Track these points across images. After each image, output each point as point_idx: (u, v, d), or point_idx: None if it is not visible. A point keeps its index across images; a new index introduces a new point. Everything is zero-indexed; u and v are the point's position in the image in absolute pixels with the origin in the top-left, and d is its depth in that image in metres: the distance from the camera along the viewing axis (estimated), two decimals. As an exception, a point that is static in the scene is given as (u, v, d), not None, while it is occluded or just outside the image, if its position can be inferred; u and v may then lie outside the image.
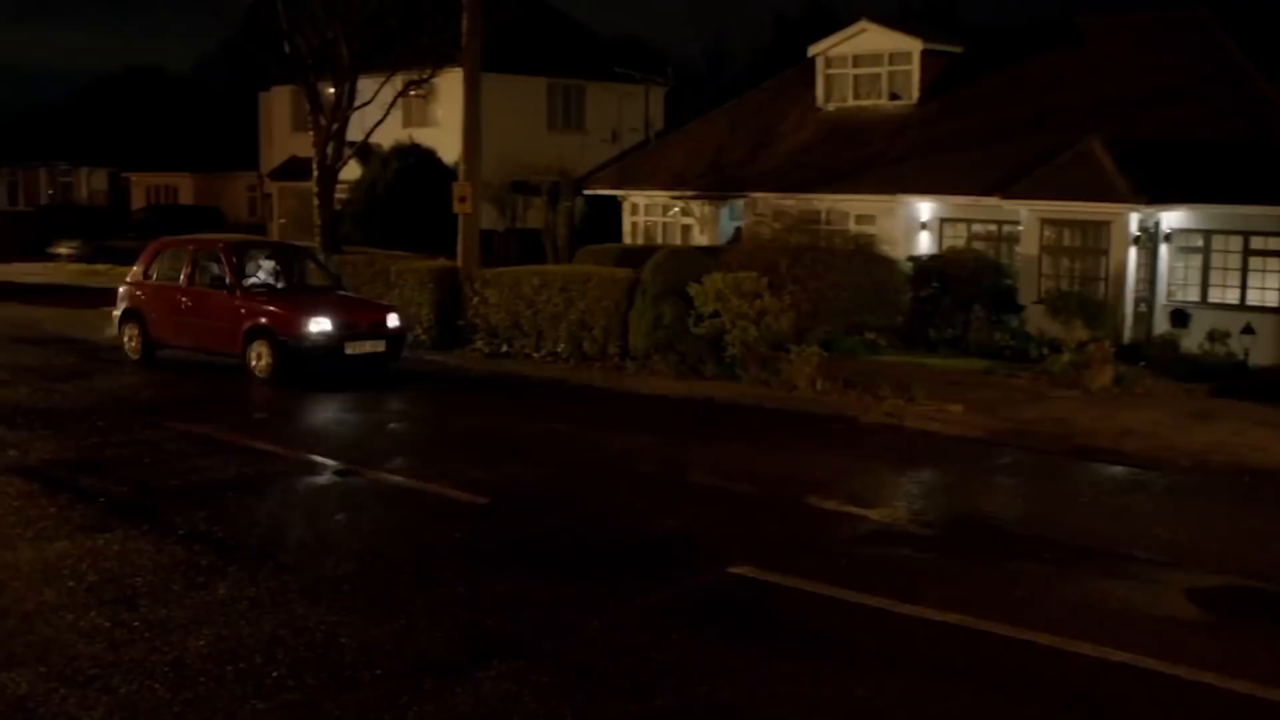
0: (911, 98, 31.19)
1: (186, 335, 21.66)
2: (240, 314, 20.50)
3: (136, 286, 22.66)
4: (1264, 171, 24.22)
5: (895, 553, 11.48)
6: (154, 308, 22.09)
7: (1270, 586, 10.60)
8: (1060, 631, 9.13)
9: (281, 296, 21.01)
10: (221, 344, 20.86)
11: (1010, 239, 26.87)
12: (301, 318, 20.01)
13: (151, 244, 23.70)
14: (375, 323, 20.94)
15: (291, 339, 19.89)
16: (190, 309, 21.46)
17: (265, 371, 20.12)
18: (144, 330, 22.21)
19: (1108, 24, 30.97)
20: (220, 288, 20.99)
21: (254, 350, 20.27)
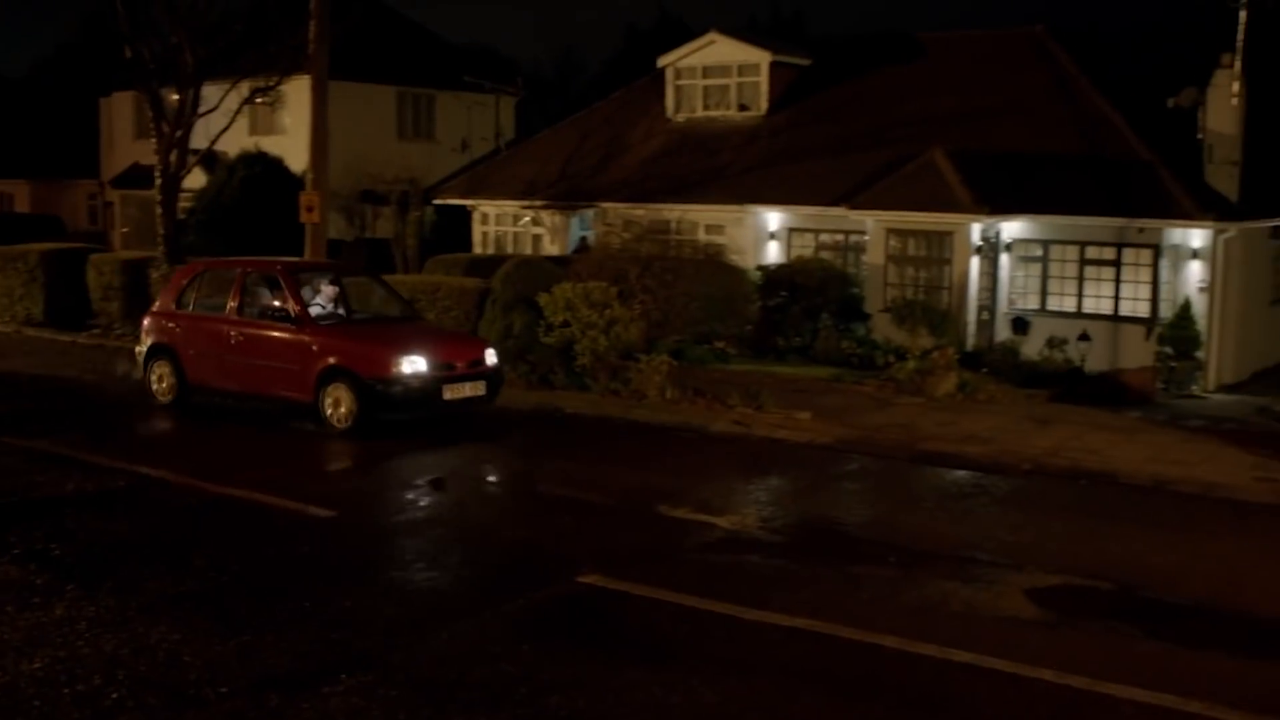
0: (760, 109, 31.55)
1: (236, 376, 18.10)
2: (311, 351, 17.12)
3: (167, 318, 19.11)
4: (1098, 183, 24.99)
5: (744, 559, 11.57)
6: (192, 343, 18.61)
7: (1105, 585, 10.90)
8: (906, 634, 9.28)
9: (360, 329, 17.89)
10: (284, 387, 17.48)
11: (857, 248, 27.30)
12: (392, 355, 16.71)
13: (183, 266, 20.80)
14: (473, 360, 17.68)
15: (380, 381, 16.58)
16: (242, 345, 17.96)
17: (345, 421, 16.75)
18: (178, 370, 18.71)
19: (949, 39, 31.70)
20: (283, 320, 17.56)
21: (330, 395, 16.90)
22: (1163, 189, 24.35)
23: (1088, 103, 27.27)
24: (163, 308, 19.44)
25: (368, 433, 16.59)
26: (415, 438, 16.72)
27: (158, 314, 19.45)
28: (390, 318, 18.89)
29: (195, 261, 20.85)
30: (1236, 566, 11.61)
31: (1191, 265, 24.43)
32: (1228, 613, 10.25)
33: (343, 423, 16.79)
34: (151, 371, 19.14)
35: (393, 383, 16.58)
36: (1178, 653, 9.29)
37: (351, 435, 16.61)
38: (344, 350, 16.99)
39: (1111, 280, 25.16)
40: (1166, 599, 10.58)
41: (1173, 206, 24.04)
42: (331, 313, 18.05)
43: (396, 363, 16.64)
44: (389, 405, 16.74)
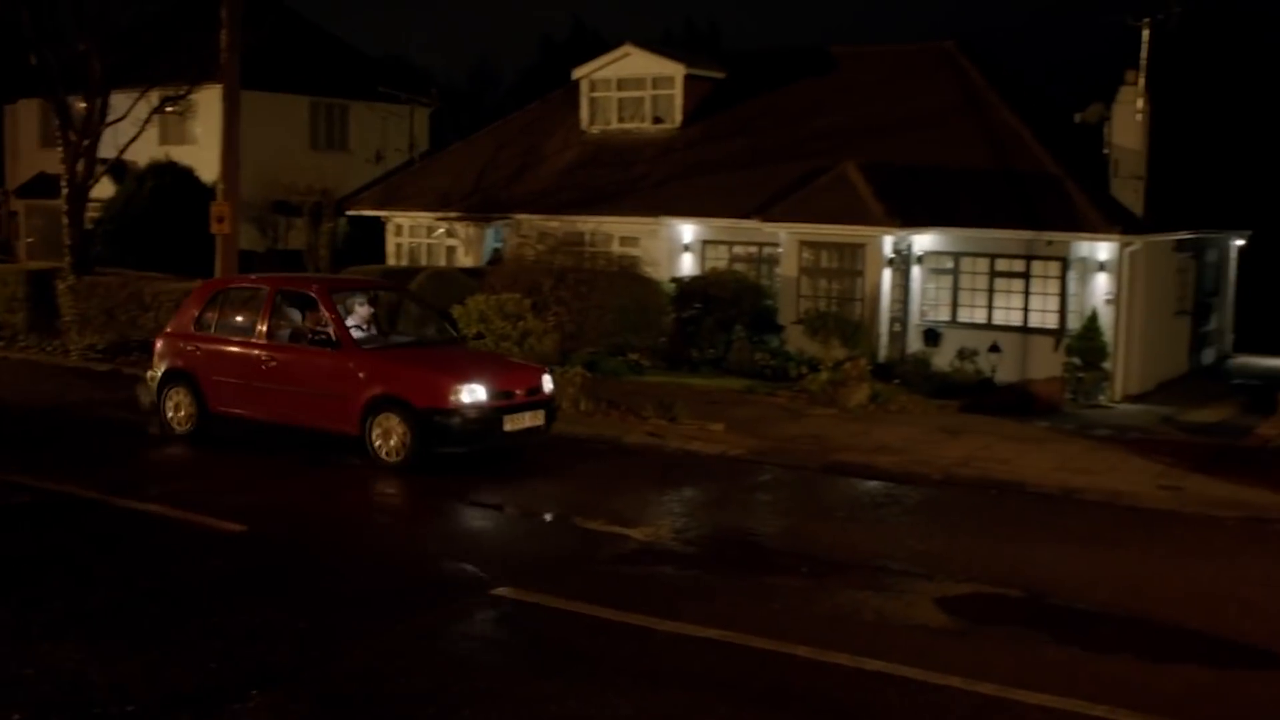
0: (675, 121, 31.66)
1: (266, 405, 16.58)
2: (357, 379, 15.67)
3: (185, 339, 17.45)
4: (1008, 196, 25.35)
5: (658, 571, 11.60)
6: (216, 368, 17.00)
7: (1014, 593, 11.05)
8: (818, 643, 9.35)
9: (409, 354, 16.50)
10: (324, 418, 16.07)
11: (770, 260, 27.47)
12: (450, 383, 15.32)
13: (203, 283, 19.13)
14: (531, 388, 16.20)
15: (438, 412, 15.18)
16: (274, 371, 16.40)
17: (396, 455, 15.36)
18: (199, 397, 17.12)
19: (861, 53, 32.01)
20: (323, 343, 16.13)
21: (379, 426, 15.48)
22: (1070, 202, 24.75)
23: (997, 117, 27.66)
24: (179, 329, 17.76)
25: (421, 467, 15.26)
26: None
27: (173, 335, 17.73)
28: (435, 340, 17.56)
29: (215, 279, 19.34)
30: (1140, 573, 11.81)
31: (1098, 277, 24.84)
32: (1132, 618, 10.43)
33: (393, 456, 15.36)
34: (167, 399, 17.45)
35: (451, 413, 15.15)
36: (1084, 658, 9.43)
37: (404, 471, 15.23)
38: (395, 377, 15.55)
39: (1021, 292, 25.50)
40: (1073, 606, 10.75)
41: (1080, 220, 24.44)
42: (371, 335, 16.79)
43: (455, 391, 15.22)
44: (447, 438, 15.31)
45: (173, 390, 17.43)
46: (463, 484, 14.86)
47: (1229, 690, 8.83)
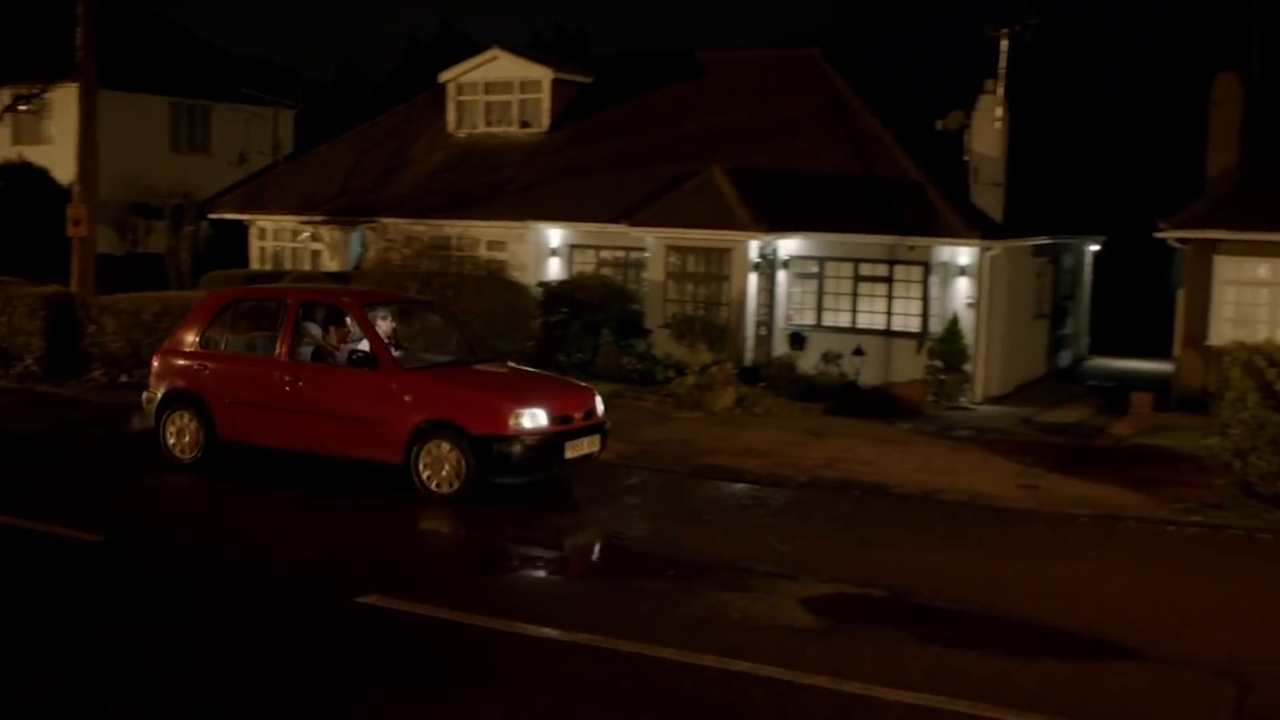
0: (542, 125, 31.62)
1: (290, 432, 15.08)
2: (402, 403, 14.33)
3: (190, 358, 15.85)
4: (871, 202, 25.72)
5: (525, 576, 11.58)
6: (226, 390, 15.47)
7: (877, 592, 11.21)
8: (685, 645, 9.40)
9: (457, 375, 15.19)
10: (360, 446, 14.69)
11: (638, 265, 27.55)
12: (509, 407, 14.11)
13: (210, 294, 17.17)
14: (587, 410, 15.11)
15: (497, 439, 13.95)
16: (300, 394, 14.91)
17: (448, 486, 14.05)
18: (206, 422, 15.57)
19: (728, 59, 32.25)
20: (361, 363, 14.76)
21: (427, 455, 14.16)
22: (932, 208, 25.19)
23: (861, 123, 28.05)
24: (182, 345, 16.11)
25: (478, 499, 14.13)
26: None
27: (175, 353, 16.10)
28: (476, 360, 16.09)
29: (224, 290, 17.13)
30: (999, 571, 12.05)
31: (959, 282, 25.30)
32: (992, 615, 10.65)
33: (444, 487, 14.08)
34: (168, 424, 15.85)
35: (511, 440, 13.94)
36: (946, 654, 9.59)
37: (460, 503, 14.02)
38: (446, 401, 14.30)
39: (884, 296, 25.90)
40: (935, 604, 10.94)
41: (941, 225, 24.88)
42: (404, 353, 15.43)
43: (515, 416, 14.04)
44: (507, 467, 14.09)
45: (175, 415, 15.80)
46: (331, 492, 14.68)
47: (1085, 683, 9.04)
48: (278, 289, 17.36)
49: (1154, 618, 10.50)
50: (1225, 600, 11.13)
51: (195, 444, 15.70)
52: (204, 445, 15.64)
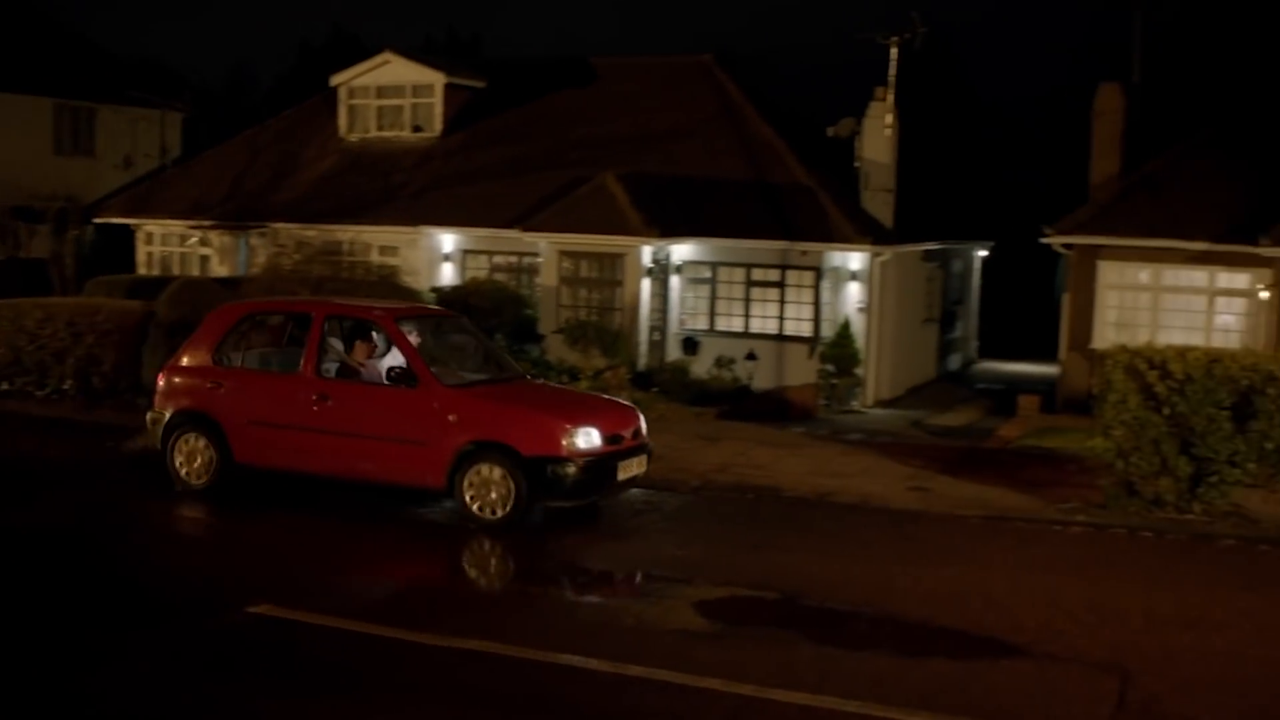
0: (435, 130, 31.46)
1: (318, 455, 14.12)
2: (445, 423, 13.47)
3: (202, 375, 14.79)
4: (763, 207, 25.93)
5: (418, 583, 11.50)
6: (246, 410, 14.46)
7: (769, 595, 11.30)
8: (580, 650, 9.40)
9: (503, 393, 14.42)
10: (398, 469, 13.83)
11: (531, 270, 27.52)
12: (561, 426, 13.36)
13: (223, 307, 15.93)
14: (634, 430, 14.38)
15: (550, 461, 13.19)
16: (329, 414, 13.99)
17: (496, 511, 13.25)
18: (221, 445, 14.53)
19: (622, 65, 32.32)
20: (399, 381, 13.84)
21: (473, 478, 13.34)
22: (824, 214, 25.46)
23: (753, 129, 28.26)
24: (192, 362, 14.99)
25: (526, 524, 13.46)
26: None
27: (184, 371, 15.00)
28: (510, 377, 15.23)
29: (237, 303, 16.18)
30: (890, 572, 12.18)
31: (850, 286, 25.60)
32: (883, 615, 10.77)
33: (494, 514, 13.26)
34: (178, 447, 14.75)
35: (565, 461, 13.19)
36: (838, 655, 9.70)
37: (508, 529, 13.27)
38: (495, 421, 13.51)
39: (776, 301, 26.13)
40: (827, 605, 11.06)
41: (833, 230, 25.15)
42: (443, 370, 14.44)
43: (569, 436, 13.28)
44: (559, 490, 13.35)
45: (186, 436, 14.70)
46: (225, 501, 14.49)
47: (974, 680, 9.18)
48: (301, 301, 16.46)
49: (1040, 616, 10.69)
50: (1108, 597, 11.35)
51: (207, 468, 14.61)
52: (219, 469, 14.56)
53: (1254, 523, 14.31)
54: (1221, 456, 14.10)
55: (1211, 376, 14.05)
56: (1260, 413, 13.95)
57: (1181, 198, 24.54)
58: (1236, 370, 14.08)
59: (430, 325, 15.27)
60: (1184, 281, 24.45)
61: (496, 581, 11.82)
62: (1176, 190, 24.77)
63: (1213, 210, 24.02)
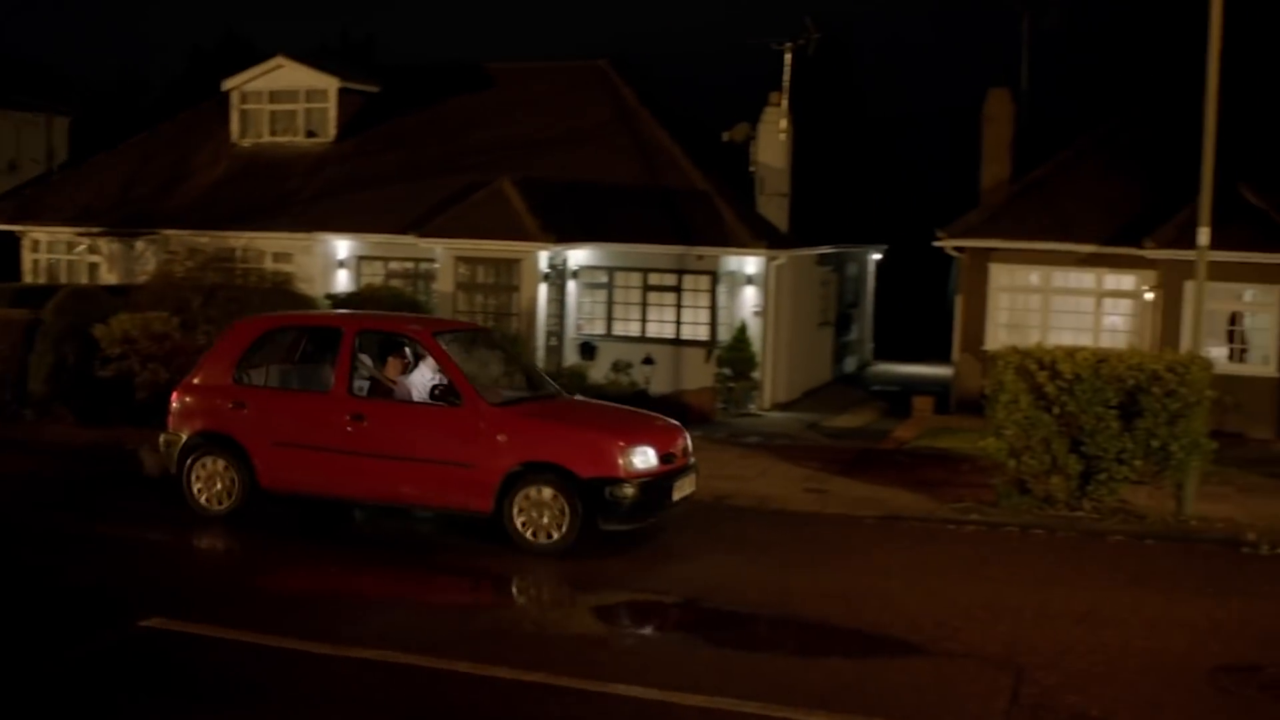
0: (329, 135, 31.18)
1: (354, 478, 13.37)
2: (493, 443, 12.79)
3: (222, 394, 13.98)
4: (660, 212, 26.03)
5: (316, 594, 11.38)
6: (272, 431, 13.68)
7: (668, 599, 11.33)
8: (479, 658, 9.35)
9: (551, 410, 13.81)
10: (441, 492, 13.11)
11: (427, 276, 27.38)
12: (618, 446, 12.69)
13: (244, 321, 15.19)
14: (684, 448, 13.72)
15: (608, 482, 12.50)
16: (368, 434, 13.23)
17: (549, 536, 12.58)
18: (245, 468, 13.72)
19: (517, 70, 32.26)
20: (443, 399, 13.16)
21: (523, 501, 12.64)
22: (719, 218, 25.61)
23: (649, 134, 28.36)
24: (211, 380, 14.16)
25: (582, 549, 12.62)
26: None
27: (202, 390, 14.18)
28: (550, 394, 14.48)
29: (258, 318, 15.38)
30: (788, 574, 12.27)
31: (746, 291, 25.76)
32: (781, 617, 10.86)
33: (547, 540, 12.56)
34: (195, 470, 13.94)
35: (623, 483, 12.52)
36: (738, 658, 9.77)
37: (562, 555, 12.54)
38: (548, 441, 12.83)
39: (673, 305, 26.25)
40: (726, 608, 11.11)
41: (728, 235, 25.31)
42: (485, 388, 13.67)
43: (627, 456, 12.63)
44: (616, 513, 12.60)
45: (204, 459, 13.88)
46: (113, 514, 14.22)
47: (871, 679, 9.28)
48: (331, 315, 15.83)
49: (935, 614, 10.82)
50: (1002, 595, 11.53)
51: (229, 492, 13.81)
52: (241, 494, 13.76)
53: (1141, 519, 14.62)
54: (1110, 454, 14.38)
55: (1099, 376, 14.33)
56: (1146, 411, 14.24)
57: (1070, 201, 25.03)
58: (1123, 370, 14.38)
59: (463, 340, 14.65)
60: (1073, 283, 24.93)
61: (393, 592, 11.69)
62: (1065, 194, 25.25)
63: (1100, 213, 24.52)
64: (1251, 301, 23.43)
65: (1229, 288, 23.06)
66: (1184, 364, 14.53)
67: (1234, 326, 23.59)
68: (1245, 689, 9.21)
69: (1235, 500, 16.05)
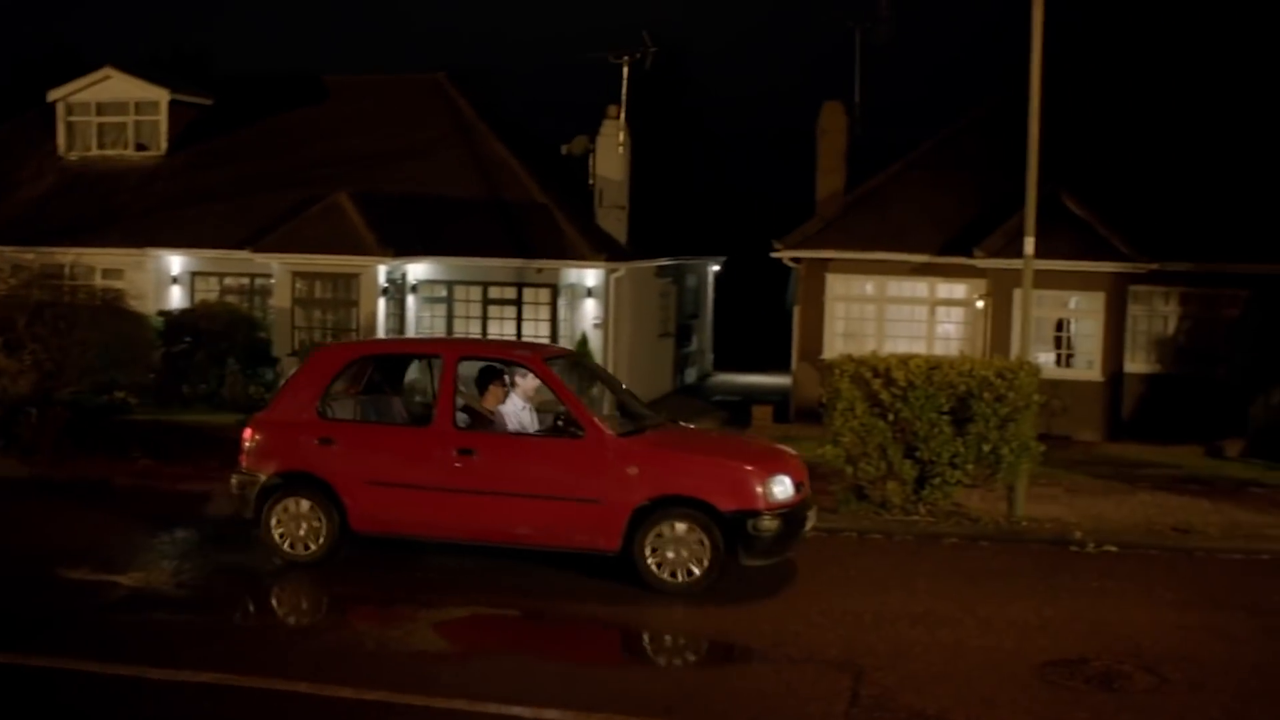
0: (160, 148, 30.48)
1: (462, 518, 12.43)
2: (622, 476, 11.97)
3: (307, 430, 12.92)
4: (499, 225, 25.99)
5: (149, 617, 11.12)
6: (366, 469, 12.69)
7: (510, 613, 11.33)
8: (319, 678, 9.25)
9: (680, 439, 13.13)
10: (564, 531, 12.20)
11: (264, 292, 26.96)
12: (759, 474, 11.98)
13: (325, 349, 14.48)
14: (807, 476, 13.00)
15: (751, 514, 11.78)
16: (479, 470, 12.36)
17: (686, 574, 11.83)
18: (335, 509, 12.69)
19: (354, 82, 31.90)
20: (563, 432, 12.38)
21: (655, 538, 11.86)
22: (559, 231, 25.66)
23: (488, 147, 28.29)
24: (291, 414, 13.08)
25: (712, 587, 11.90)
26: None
27: (283, 425, 13.11)
28: (658, 422, 13.48)
29: (342, 345, 14.01)
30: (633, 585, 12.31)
31: (587, 303, 25.84)
32: (629, 628, 10.88)
33: (681, 576, 11.84)
34: (275, 513, 12.86)
35: (765, 515, 11.81)
36: (581, 669, 9.82)
37: (696, 594, 11.81)
38: (684, 472, 12.06)
39: (514, 319, 26.20)
40: (571, 619, 11.13)
41: (568, 248, 25.36)
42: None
43: (767, 486, 11.94)
44: (759, 548, 11.89)
45: (287, 501, 12.82)
46: None
47: (715, 687, 9.37)
48: (426, 342, 14.97)
49: (776, 620, 10.96)
50: (840, 599, 11.72)
51: (316, 536, 12.77)
52: (330, 538, 12.73)
53: (974, 521, 14.99)
54: (943, 459, 14.72)
55: (932, 383, 14.66)
56: (977, 416, 14.60)
57: (903, 211, 25.59)
58: (955, 376, 14.72)
59: (562, 366, 13.68)
60: (907, 292, 25.48)
61: (227, 614, 11.46)
62: (898, 204, 25.81)
63: (933, 223, 25.11)
64: (1077, 308, 24.17)
65: (1056, 295, 23.79)
66: (1013, 370, 14.93)
67: (1061, 333, 24.33)
68: (1072, 681, 9.52)
69: (1064, 500, 16.58)
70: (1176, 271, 23.86)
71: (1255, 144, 25.48)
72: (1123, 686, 9.46)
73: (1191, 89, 26.73)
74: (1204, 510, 15.96)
